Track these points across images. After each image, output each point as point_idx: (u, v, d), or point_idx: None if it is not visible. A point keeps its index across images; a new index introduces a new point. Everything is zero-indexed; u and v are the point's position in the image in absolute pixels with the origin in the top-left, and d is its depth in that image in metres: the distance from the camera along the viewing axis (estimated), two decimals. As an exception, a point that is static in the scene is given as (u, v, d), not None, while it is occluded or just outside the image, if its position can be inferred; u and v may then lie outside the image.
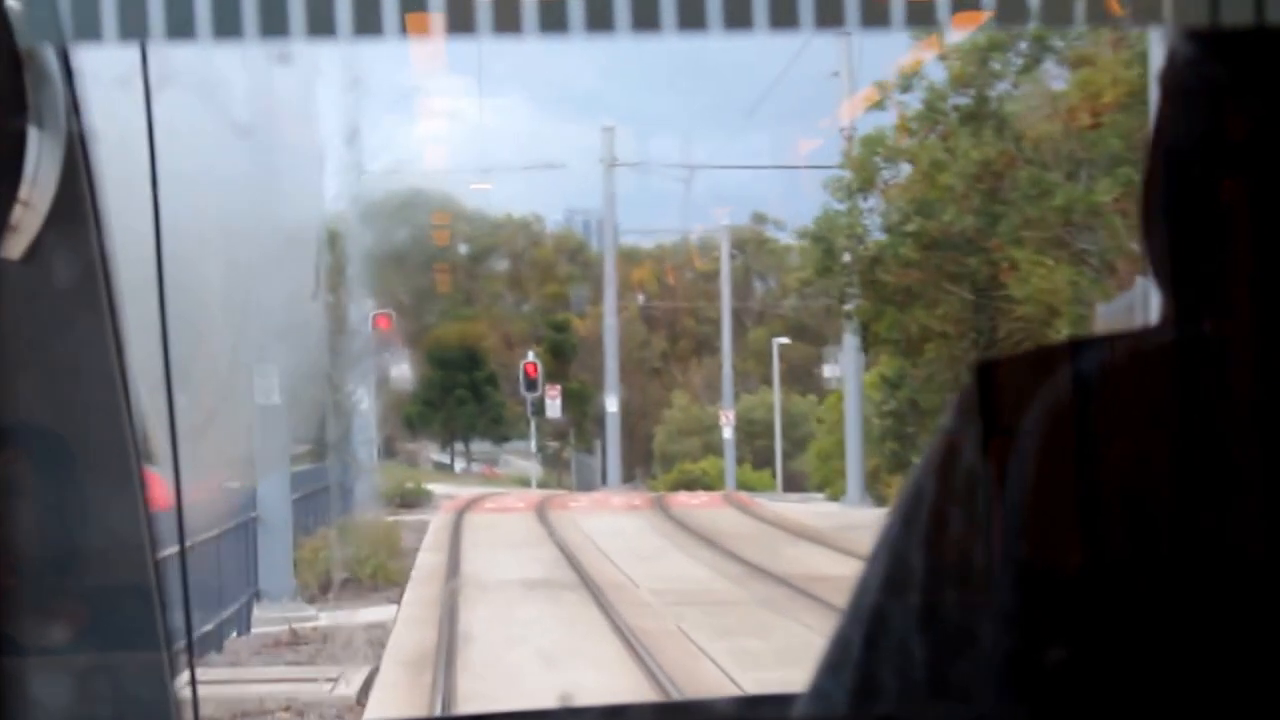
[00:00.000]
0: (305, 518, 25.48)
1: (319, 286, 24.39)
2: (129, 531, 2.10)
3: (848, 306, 28.66)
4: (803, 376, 62.61)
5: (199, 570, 13.81)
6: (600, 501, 41.89)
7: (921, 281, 26.94)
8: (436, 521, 34.68)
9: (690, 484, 52.80)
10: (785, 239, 66.07)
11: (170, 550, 2.19)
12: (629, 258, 64.38)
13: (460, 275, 64.38)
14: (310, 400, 27.96)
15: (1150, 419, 1.50)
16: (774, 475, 56.76)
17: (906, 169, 28.44)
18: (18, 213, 1.92)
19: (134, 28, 1.40)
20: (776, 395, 59.71)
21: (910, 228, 26.76)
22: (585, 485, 58.72)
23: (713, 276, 65.71)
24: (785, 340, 62.35)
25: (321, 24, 1.37)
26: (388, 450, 58.57)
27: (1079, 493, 1.51)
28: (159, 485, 2.09)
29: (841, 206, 27.87)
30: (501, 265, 66.83)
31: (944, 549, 1.55)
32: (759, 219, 65.81)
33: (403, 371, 47.88)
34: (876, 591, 1.59)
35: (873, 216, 27.90)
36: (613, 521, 34.22)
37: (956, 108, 26.23)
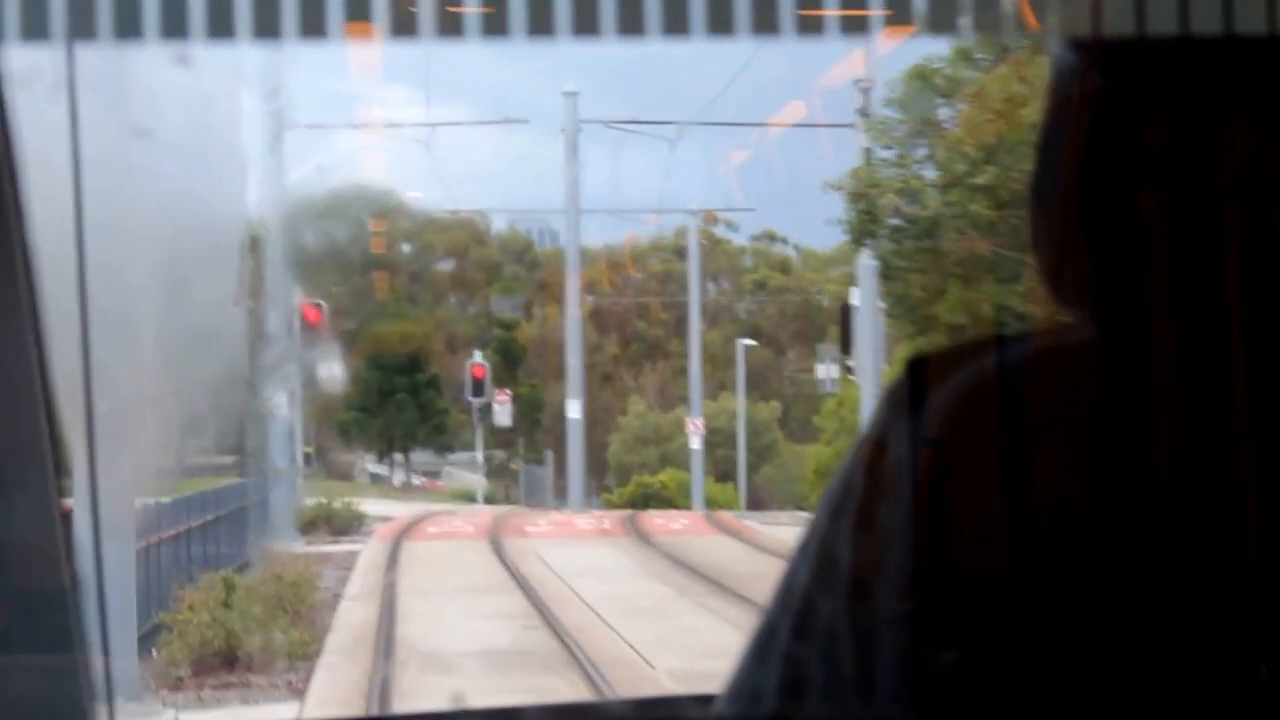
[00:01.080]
0: (203, 552, 22.66)
1: (242, 291, 24.53)
2: (42, 536, 2.09)
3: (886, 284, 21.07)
4: (761, 382, 60.88)
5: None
6: (563, 525, 36.66)
7: (995, 249, 19.57)
8: (368, 554, 29.49)
9: (649, 498, 49.97)
10: (738, 240, 65.74)
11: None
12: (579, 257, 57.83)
13: (400, 276, 62.27)
14: (234, 408, 27.56)
15: (1072, 415, 1.50)
16: (737, 490, 53.79)
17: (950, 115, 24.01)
18: None
19: (38, 28, 1.40)
20: (741, 402, 56.65)
21: (981, 180, 19.21)
22: (535, 499, 54.86)
23: (664, 277, 64.90)
24: (750, 342, 59.71)
25: (265, 26, 1.37)
26: (319, 461, 55.64)
27: (999, 491, 1.51)
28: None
29: (887, 153, 20.51)
30: (444, 265, 64.94)
31: (870, 544, 1.55)
32: (710, 219, 63.02)
33: (334, 372, 41.17)
34: (805, 583, 1.59)
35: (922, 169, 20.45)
36: (585, 554, 28.79)
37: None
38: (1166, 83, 1.50)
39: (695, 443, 50.05)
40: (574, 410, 44.93)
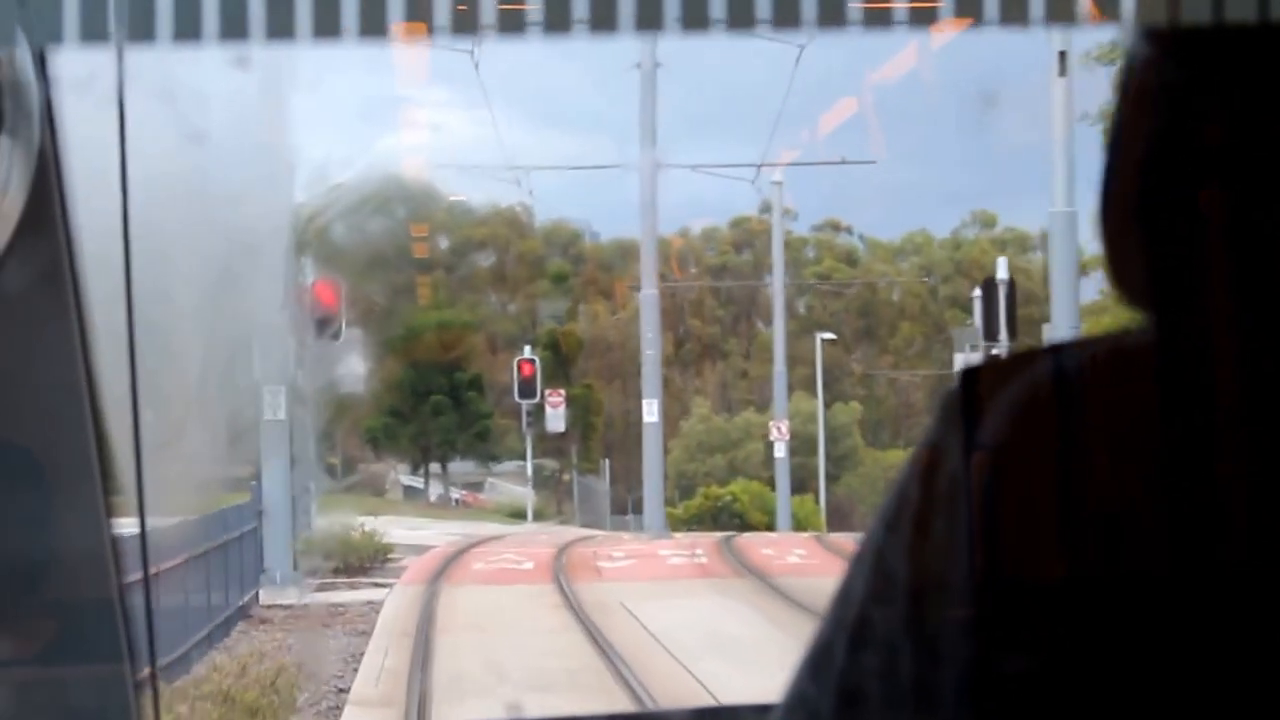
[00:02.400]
0: (175, 604, 16.08)
1: (289, 296, 22.62)
2: (92, 546, 2.10)
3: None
4: (831, 382, 55.72)
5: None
6: (645, 558, 28.12)
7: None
8: (393, 608, 21.36)
9: (718, 513, 45.04)
10: (798, 230, 61.96)
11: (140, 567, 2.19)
12: (626, 252, 57.32)
13: (437, 272, 57.00)
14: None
15: (1131, 422, 1.50)
16: (817, 502, 48.39)
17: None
18: None
19: (96, 30, 1.44)
20: (820, 403, 51.15)
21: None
22: (591, 516, 48.65)
23: (720, 271, 61.32)
24: (830, 336, 54.74)
25: (282, 28, 1.43)
26: (346, 472, 49.81)
27: (1058, 496, 1.50)
28: None
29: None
30: (485, 260, 59.80)
31: (927, 556, 1.54)
32: (767, 208, 57.56)
33: (355, 365, 32.15)
34: (861, 597, 1.57)
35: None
36: (691, 608, 20.38)
37: None
38: (1227, 77, 1.48)
39: (780, 450, 43.74)
40: (651, 412, 35.85)
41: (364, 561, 26.71)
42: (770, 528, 42.98)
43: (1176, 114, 1.47)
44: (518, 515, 46.94)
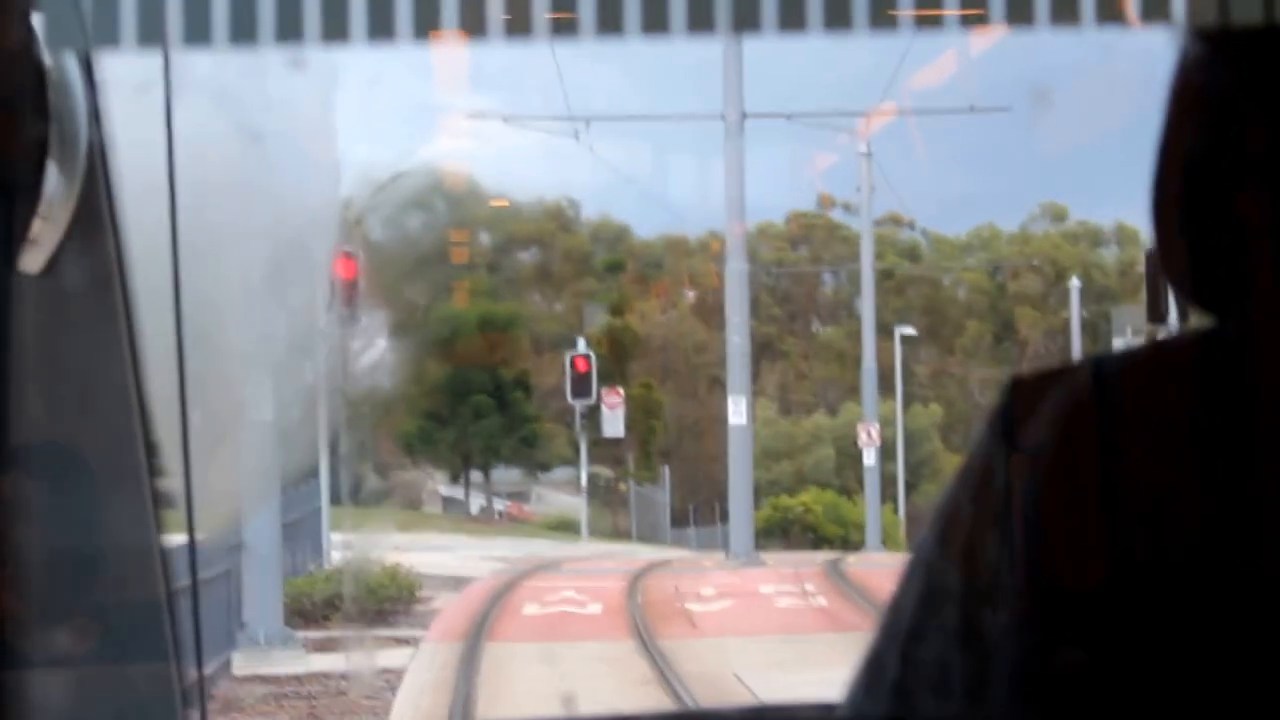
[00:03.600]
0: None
1: (334, 298, 21.26)
2: (140, 546, 2.13)
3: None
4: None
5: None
6: (745, 597, 22.20)
7: None
8: (416, 678, 15.11)
9: (789, 525, 41.58)
10: (857, 225, 57.15)
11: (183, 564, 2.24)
12: (676, 248, 54.92)
13: (481, 271, 52.62)
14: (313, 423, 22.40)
15: (1173, 426, 1.50)
16: (896, 513, 43.99)
17: None
18: (37, 226, 1.94)
19: (152, 34, 1.46)
20: (899, 405, 46.89)
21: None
22: (648, 531, 43.41)
23: (772, 269, 58.36)
24: (910, 331, 50.71)
25: (338, 30, 1.42)
26: (379, 481, 43.56)
27: (1103, 508, 1.48)
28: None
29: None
30: (530, 257, 56.15)
31: (980, 569, 1.54)
32: (827, 202, 57.02)
33: (381, 356, 26.91)
34: (913, 610, 1.57)
35: None
36: (831, 680, 9.41)
37: None
38: (1271, 80, 1.48)
39: (870, 456, 39.64)
40: (738, 411, 29.04)
41: (384, 603, 20.21)
42: (846, 541, 40.32)
43: (1220, 116, 1.49)
44: (569, 529, 42.34)
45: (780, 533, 40.64)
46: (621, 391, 41.53)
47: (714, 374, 53.34)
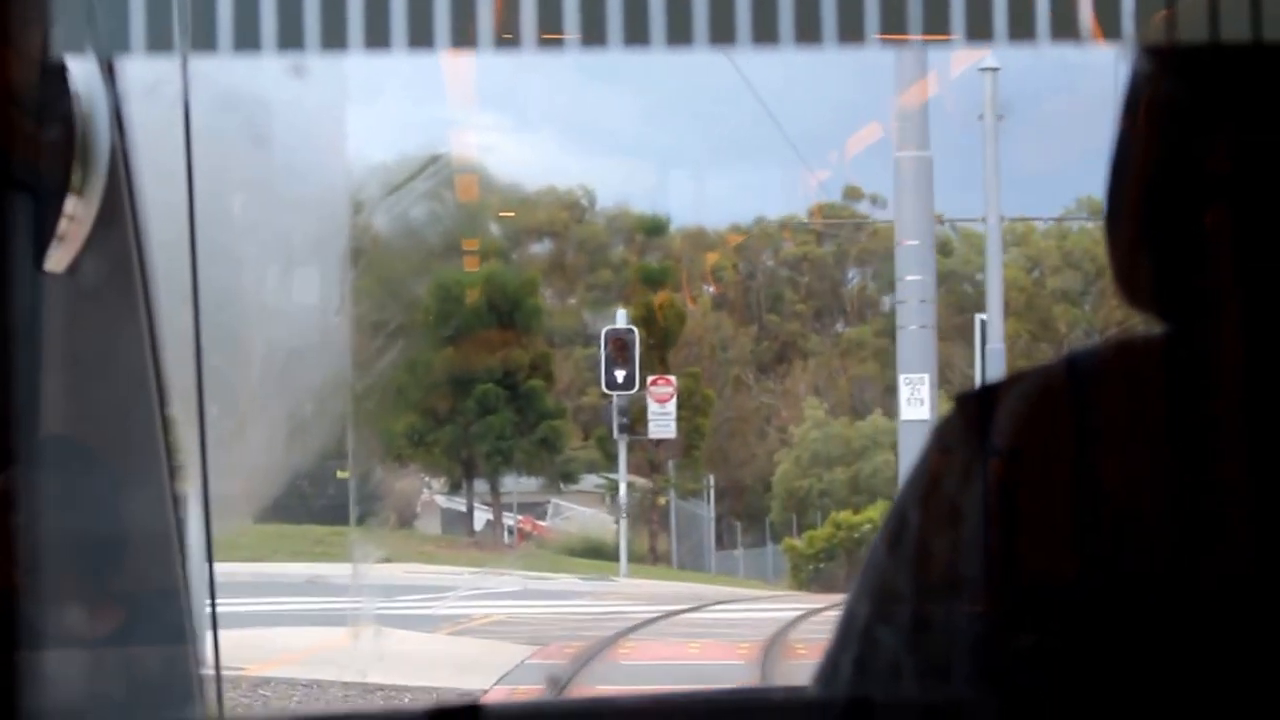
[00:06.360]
0: None
1: (344, 300, 18.75)
2: (158, 533, 2.28)
3: None
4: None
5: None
6: None
7: None
8: None
9: (854, 547, 35.24)
10: (883, 216, 57.29)
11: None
12: (696, 241, 54.29)
13: (493, 260, 49.62)
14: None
15: (1138, 418, 1.60)
16: None
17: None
18: (63, 226, 2.07)
19: (158, 40, 1.55)
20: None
21: None
22: (690, 555, 37.80)
23: (797, 263, 58.46)
24: (985, 316, 45.01)
25: (379, 37, 1.50)
26: (368, 497, 34.55)
27: (1068, 496, 1.58)
28: None
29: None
30: (540, 248, 55.35)
31: (930, 574, 1.65)
32: (853, 194, 56.61)
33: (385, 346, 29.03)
34: (865, 615, 1.70)
35: None
36: None
37: None
38: (1233, 96, 1.56)
39: None
40: (915, 399, 16.32)
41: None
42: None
43: (1184, 134, 1.54)
44: (599, 554, 35.35)
45: (845, 557, 34.99)
46: (674, 381, 34.78)
47: (736, 374, 53.23)
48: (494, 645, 16.96)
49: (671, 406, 34.08)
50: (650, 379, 34.07)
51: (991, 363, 29.36)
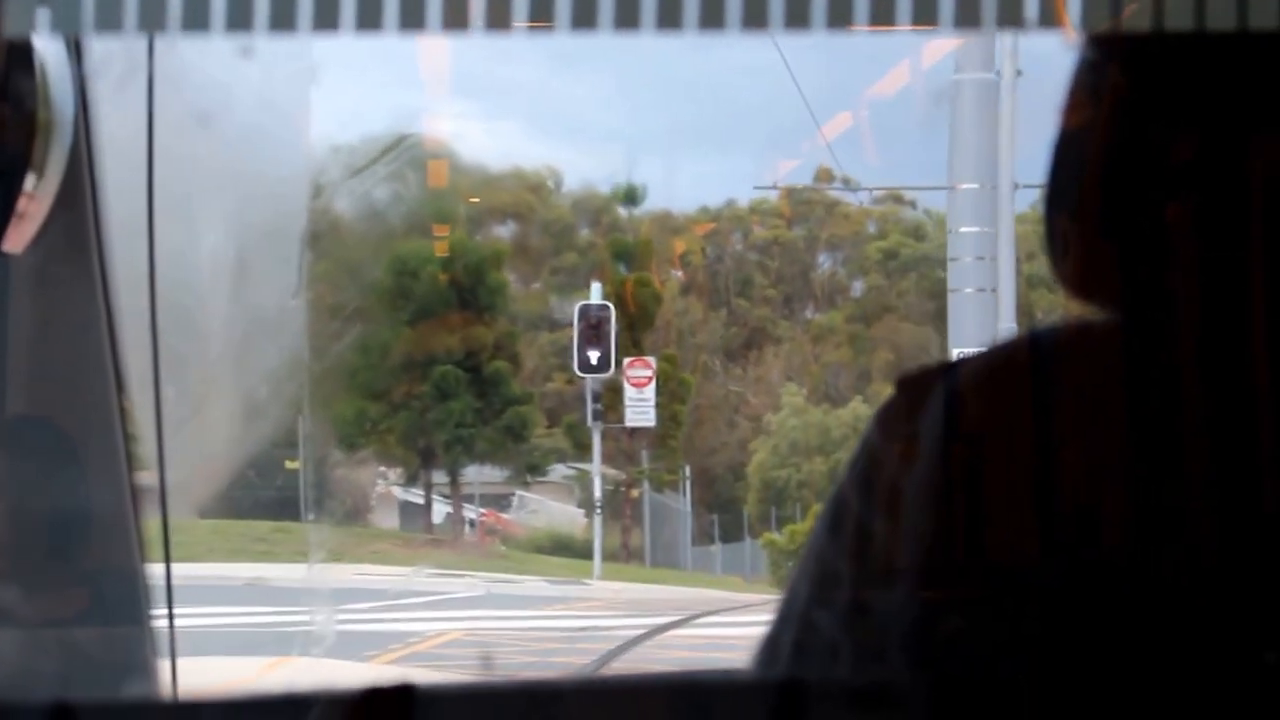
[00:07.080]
0: None
1: (301, 283, 21.40)
2: (116, 513, 2.33)
3: None
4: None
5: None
6: None
7: None
8: None
9: None
10: (855, 200, 59.00)
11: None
12: (663, 225, 52.92)
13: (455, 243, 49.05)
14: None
15: (1095, 410, 1.60)
16: None
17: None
18: (23, 204, 2.13)
19: (111, 21, 1.54)
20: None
21: None
22: (664, 552, 35.74)
23: (767, 247, 58.52)
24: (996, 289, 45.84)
25: (326, 19, 1.48)
26: (318, 489, 32.21)
27: (1019, 478, 1.60)
28: None
29: None
30: (504, 230, 53.51)
31: (868, 559, 1.68)
32: (825, 176, 54.52)
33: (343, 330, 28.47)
34: (805, 597, 1.73)
35: None
36: None
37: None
38: (1191, 90, 1.56)
39: None
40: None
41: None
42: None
43: (1137, 128, 1.55)
44: (568, 550, 33.58)
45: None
46: (653, 363, 32.66)
47: (703, 362, 52.41)
48: (443, 678, 13.58)
49: (650, 392, 32.19)
50: (627, 361, 32.22)
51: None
